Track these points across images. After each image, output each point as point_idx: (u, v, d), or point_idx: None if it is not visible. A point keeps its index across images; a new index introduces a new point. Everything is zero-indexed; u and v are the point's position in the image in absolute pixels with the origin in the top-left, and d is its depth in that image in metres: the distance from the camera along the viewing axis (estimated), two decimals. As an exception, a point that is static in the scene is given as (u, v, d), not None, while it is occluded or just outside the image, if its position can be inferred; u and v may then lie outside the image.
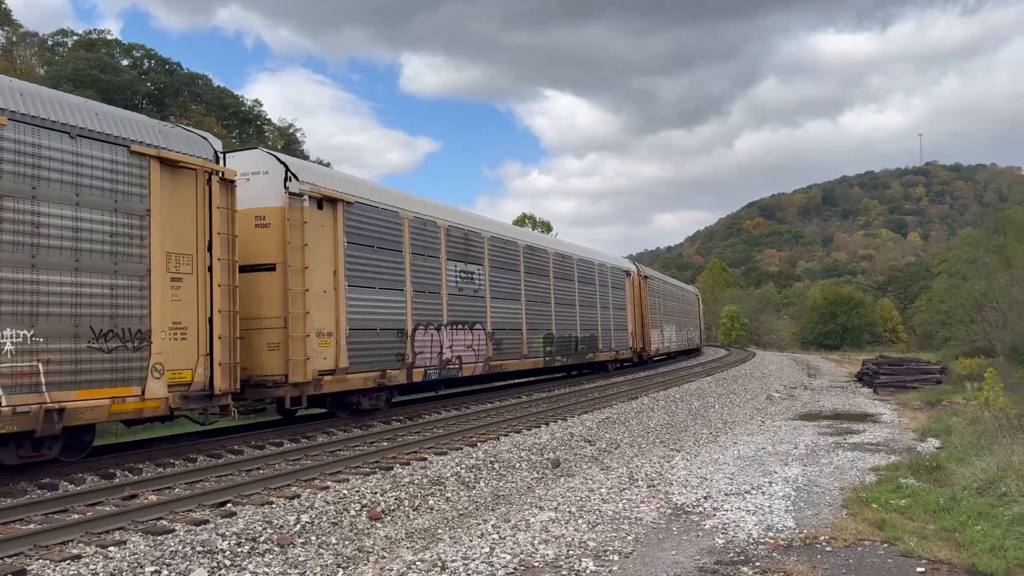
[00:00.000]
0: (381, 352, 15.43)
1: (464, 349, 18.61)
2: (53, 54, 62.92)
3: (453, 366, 18.07)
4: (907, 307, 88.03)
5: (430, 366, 17.05)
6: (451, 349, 18.03)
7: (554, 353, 24.39)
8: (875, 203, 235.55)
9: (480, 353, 19.29)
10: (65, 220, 9.59)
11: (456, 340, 18.27)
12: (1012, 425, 14.06)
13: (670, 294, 44.28)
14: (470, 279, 19.25)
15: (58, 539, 7.13)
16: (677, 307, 46.31)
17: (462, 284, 18.84)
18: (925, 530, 8.03)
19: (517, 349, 21.76)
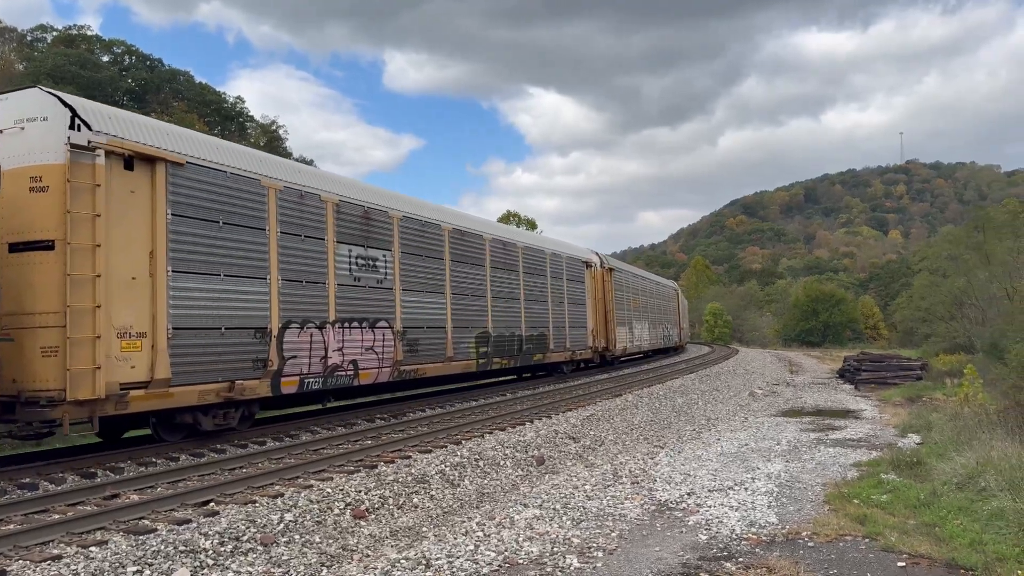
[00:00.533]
0: (229, 357, 12.09)
1: (362, 352, 15.31)
2: (32, 50, 62.19)
3: (345, 373, 14.80)
4: (888, 304, 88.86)
5: (309, 374, 13.77)
6: (341, 352, 14.70)
7: (491, 355, 21.08)
8: (856, 201, 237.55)
9: (386, 356, 16.03)
10: None
11: (350, 341, 14.99)
12: (991, 421, 14.21)
13: (643, 289, 40.94)
14: (371, 267, 15.90)
15: (38, 539, 7.06)
16: (651, 303, 43.11)
17: (360, 273, 15.51)
18: (906, 525, 8.10)
19: (439, 351, 18.35)
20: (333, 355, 14.48)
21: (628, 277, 37.34)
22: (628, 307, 35.98)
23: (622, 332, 33.96)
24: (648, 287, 43.18)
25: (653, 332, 42.64)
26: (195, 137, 12.60)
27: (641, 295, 40.00)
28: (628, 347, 35.75)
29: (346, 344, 14.87)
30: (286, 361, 13.20)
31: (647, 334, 40.69)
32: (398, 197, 18.07)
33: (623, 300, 34.74)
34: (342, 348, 14.72)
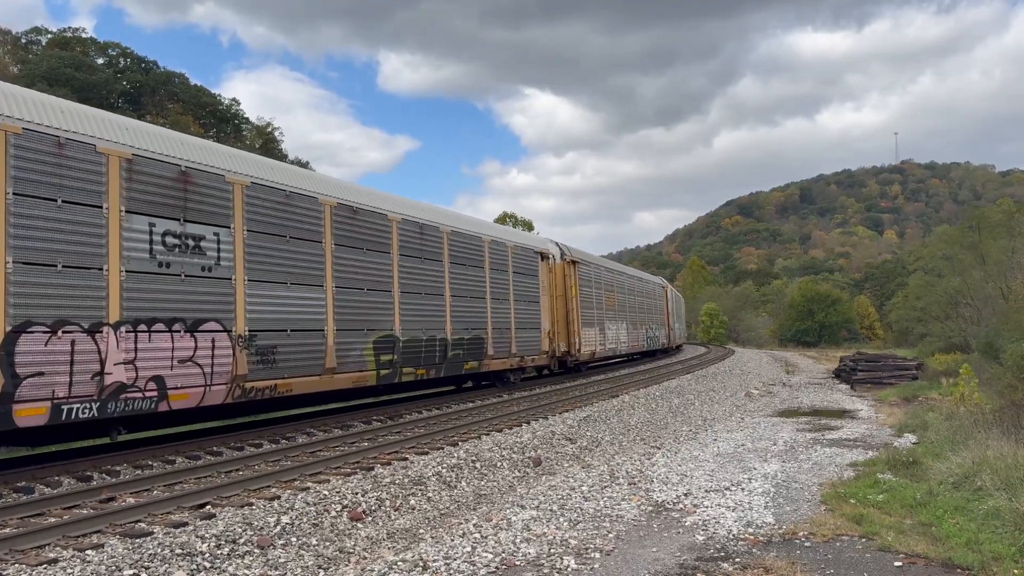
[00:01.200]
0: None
1: (172, 365, 11.45)
2: (27, 52, 62.07)
3: (142, 394, 10.96)
4: (884, 304, 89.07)
5: (72, 397, 10.01)
6: (133, 366, 10.87)
7: (398, 364, 16.95)
8: (852, 201, 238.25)
9: (217, 370, 12.21)
10: None
11: (150, 350, 11.15)
12: (987, 420, 14.23)
13: (619, 284, 36.69)
14: (192, 248, 12.02)
15: (34, 543, 7.04)
16: (632, 300, 39.10)
17: (171, 256, 11.65)
18: (902, 524, 8.12)
19: (314, 360, 14.36)
20: (117, 370, 10.61)
21: (599, 272, 33.02)
22: (600, 306, 32.07)
23: (590, 334, 29.80)
24: (627, 283, 39.08)
25: (633, 333, 38.78)
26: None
27: (617, 292, 36.13)
28: (598, 351, 31.50)
29: (143, 354, 11.03)
30: (23, 380, 9.45)
31: (625, 335, 36.59)
32: (244, 157, 14.10)
33: (592, 297, 30.82)
34: (136, 360, 10.92)
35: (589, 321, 29.86)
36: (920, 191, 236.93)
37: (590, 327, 29.89)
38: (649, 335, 42.68)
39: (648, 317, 43.09)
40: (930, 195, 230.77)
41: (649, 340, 42.51)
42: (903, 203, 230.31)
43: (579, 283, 28.69)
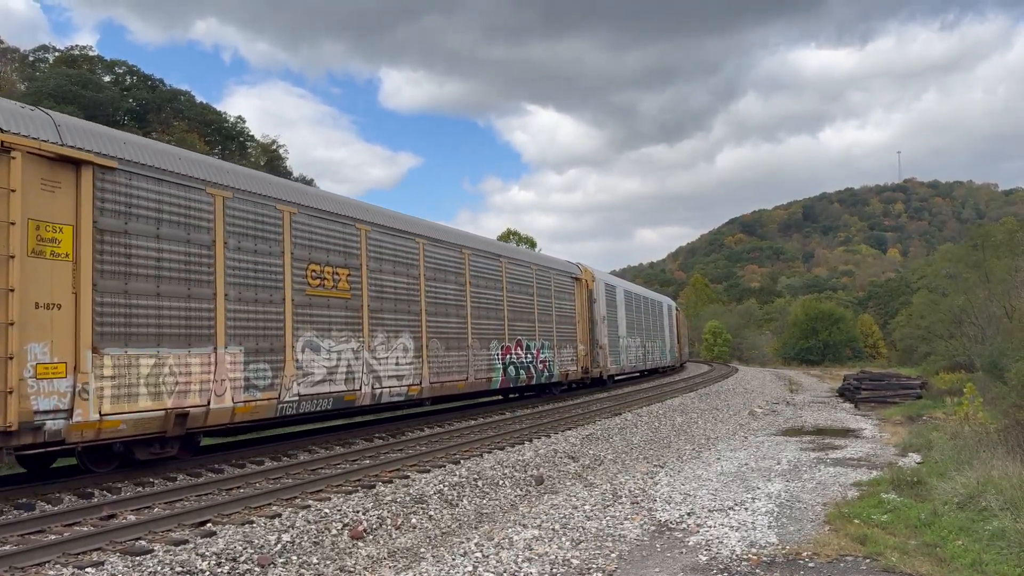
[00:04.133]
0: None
1: None
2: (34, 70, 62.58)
3: None
4: (887, 322, 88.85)
5: None
6: None
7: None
8: (855, 219, 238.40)
9: None
10: None
11: None
12: (991, 439, 14.17)
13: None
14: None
15: (34, 560, 7.01)
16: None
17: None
18: (907, 545, 8.07)
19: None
20: None
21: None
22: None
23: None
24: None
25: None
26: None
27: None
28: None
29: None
30: None
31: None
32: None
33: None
34: None
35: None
36: (923, 209, 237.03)
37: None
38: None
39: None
40: (933, 213, 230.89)
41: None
42: (906, 221, 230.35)
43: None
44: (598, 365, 28.92)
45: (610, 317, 31.28)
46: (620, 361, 32.71)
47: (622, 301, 34.23)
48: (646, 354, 39.00)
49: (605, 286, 30.90)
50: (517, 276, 22.89)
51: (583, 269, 29.16)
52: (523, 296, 23.23)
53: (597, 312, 29.11)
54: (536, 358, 23.54)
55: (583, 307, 28.21)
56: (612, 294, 32.37)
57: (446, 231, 19.57)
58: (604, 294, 30.47)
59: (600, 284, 30.10)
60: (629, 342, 34.92)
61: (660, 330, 44.35)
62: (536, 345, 23.57)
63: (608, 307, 31.07)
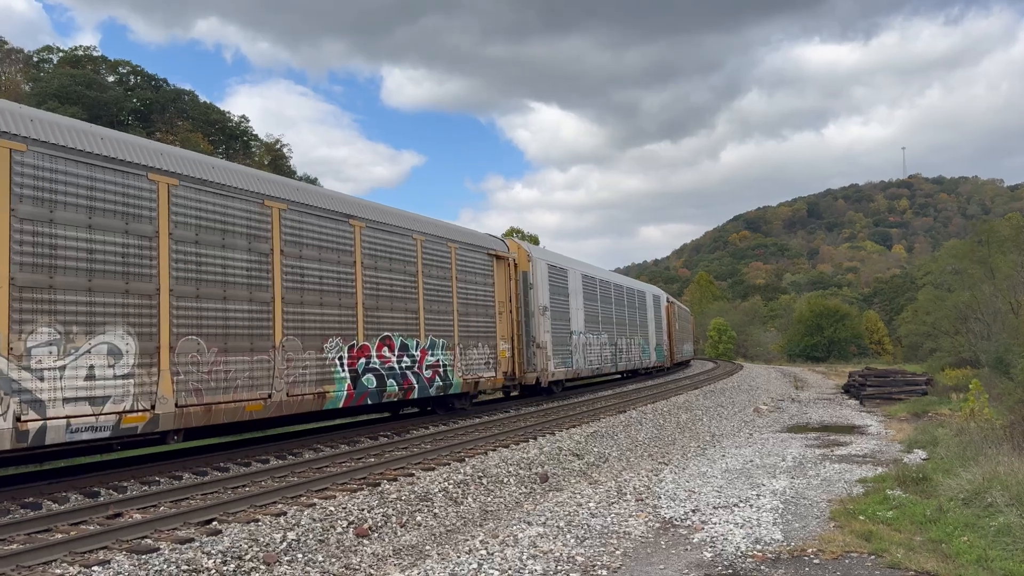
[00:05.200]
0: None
1: None
2: (38, 71, 62.75)
3: None
4: (893, 319, 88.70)
5: None
6: None
7: None
8: (860, 216, 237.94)
9: None
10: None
11: None
12: (997, 436, 14.15)
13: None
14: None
15: (41, 559, 7.04)
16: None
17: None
18: (912, 542, 8.06)
19: None
20: None
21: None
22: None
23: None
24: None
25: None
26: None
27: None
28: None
29: None
30: None
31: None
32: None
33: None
34: None
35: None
36: (928, 205, 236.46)
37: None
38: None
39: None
40: (938, 210, 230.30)
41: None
42: (911, 218, 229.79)
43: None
44: (534, 368, 22.45)
45: (556, 308, 24.98)
46: (573, 362, 26.10)
47: (578, 288, 27.63)
48: (618, 353, 32.32)
49: (549, 268, 24.61)
50: (385, 247, 16.03)
51: (513, 246, 23.05)
52: (398, 277, 16.35)
53: (535, 301, 22.71)
54: (420, 362, 16.82)
55: (510, 294, 21.60)
56: (561, 279, 25.93)
57: (226, 170, 12.77)
58: (547, 279, 24.21)
59: (540, 266, 23.68)
60: (590, 339, 28.27)
61: (642, 325, 37.67)
62: (421, 344, 16.91)
63: (554, 295, 24.83)
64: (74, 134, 10.10)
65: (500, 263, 21.36)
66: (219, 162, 12.97)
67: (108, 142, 10.49)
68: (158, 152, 11.42)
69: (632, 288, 36.83)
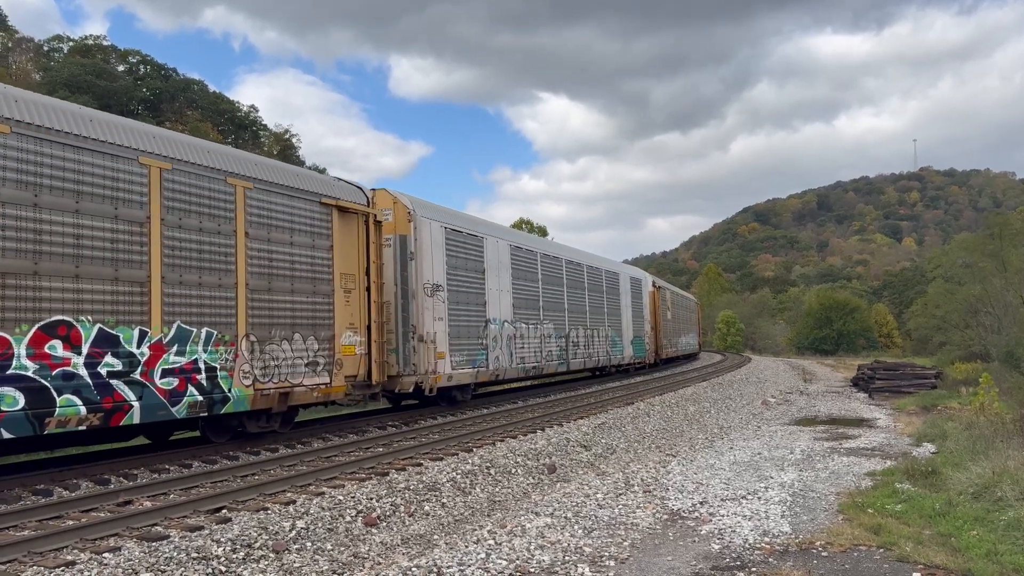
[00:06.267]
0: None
1: None
2: (49, 60, 62.91)
3: None
4: (902, 312, 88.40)
5: None
6: None
7: None
8: (870, 208, 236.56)
9: None
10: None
11: None
12: (1007, 430, 14.10)
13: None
14: None
15: (52, 545, 7.09)
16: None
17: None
18: (921, 535, 8.03)
19: None
20: None
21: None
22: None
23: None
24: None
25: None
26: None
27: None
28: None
29: None
30: None
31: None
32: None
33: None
34: None
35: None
36: (939, 198, 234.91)
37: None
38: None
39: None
40: (949, 202, 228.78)
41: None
42: (922, 210, 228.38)
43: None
44: (414, 370, 16.41)
45: (461, 287, 18.63)
46: (489, 361, 19.68)
47: (502, 263, 21.06)
48: (571, 348, 25.67)
49: (447, 233, 18.21)
50: (64, 174, 9.73)
51: (384, 198, 16.72)
52: (99, 224, 10.08)
53: (417, 276, 16.57)
54: (149, 365, 10.52)
55: (367, 264, 14.97)
56: (471, 249, 19.42)
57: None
58: (442, 247, 17.87)
59: (429, 229, 17.31)
60: (523, 329, 21.94)
61: (613, 313, 30.88)
62: (153, 336, 10.59)
63: (456, 270, 18.51)
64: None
65: (347, 219, 14.48)
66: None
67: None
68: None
69: (596, 267, 29.96)
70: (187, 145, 11.78)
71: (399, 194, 17.03)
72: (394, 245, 16.57)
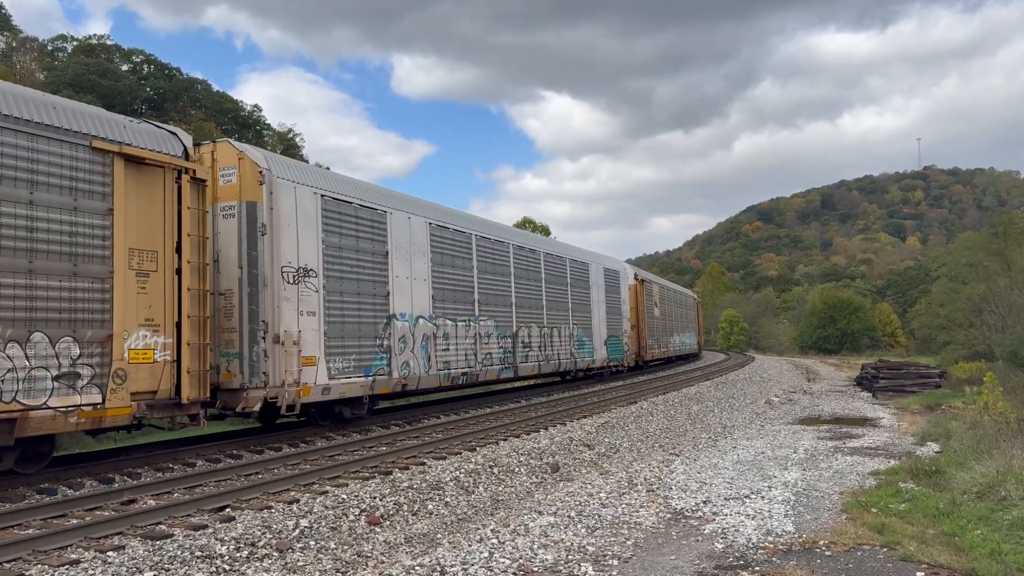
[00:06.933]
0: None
1: None
2: (52, 59, 63.03)
3: None
4: (906, 311, 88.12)
5: None
6: None
7: None
8: (874, 207, 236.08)
9: None
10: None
11: None
12: (1011, 429, 14.06)
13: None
14: None
15: (57, 544, 7.11)
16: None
17: None
18: (925, 534, 8.02)
19: None
20: None
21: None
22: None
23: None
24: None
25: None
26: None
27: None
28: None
29: None
30: None
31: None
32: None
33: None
34: None
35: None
36: (943, 197, 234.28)
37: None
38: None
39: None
40: (953, 201, 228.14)
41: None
42: (926, 209, 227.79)
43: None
44: (263, 381, 12.37)
45: (342, 272, 14.41)
46: (393, 367, 15.50)
47: (419, 245, 16.90)
48: (521, 349, 21.62)
49: (324, 202, 14.15)
50: None
51: (226, 153, 13.08)
52: None
53: (270, 256, 12.74)
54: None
55: (179, 237, 10.95)
56: (368, 224, 15.28)
57: None
58: (316, 219, 13.88)
59: (294, 194, 13.45)
60: (448, 328, 17.75)
61: (580, 309, 26.87)
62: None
63: (338, 251, 14.41)
64: None
65: (145, 174, 10.53)
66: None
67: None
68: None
69: (558, 256, 25.78)
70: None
71: (248, 148, 13.13)
72: (239, 215, 12.67)
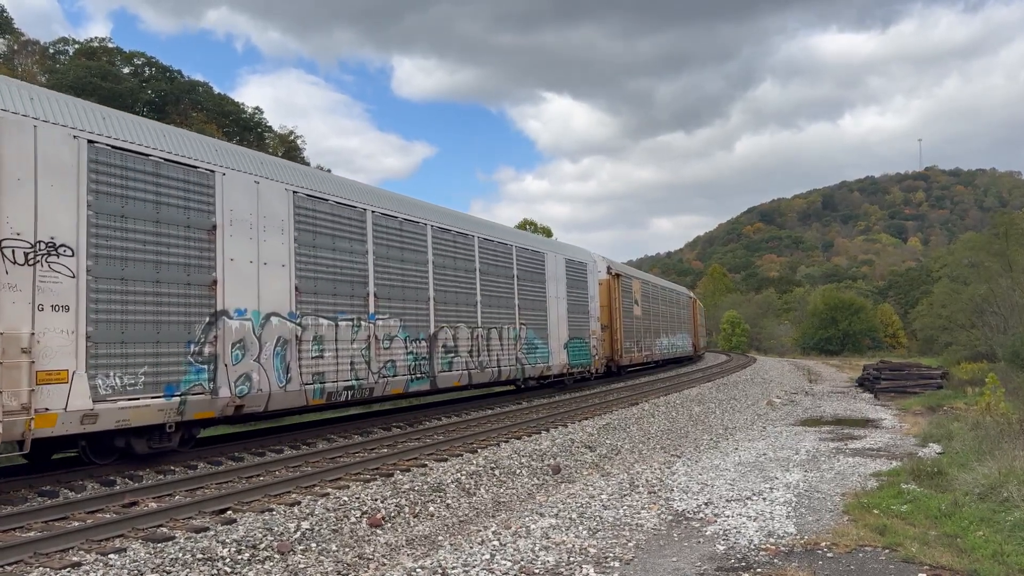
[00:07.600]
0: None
1: None
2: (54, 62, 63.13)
3: None
4: (908, 312, 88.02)
5: None
6: None
7: None
8: (875, 208, 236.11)
9: None
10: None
11: None
12: (1013, 430, 14.04)
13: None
14: None
15: (58, 546, 7.12)
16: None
17: None
18: (927, 536, 8.01)
19: None
20: None
21: None
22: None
23: None
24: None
25: None
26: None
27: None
28: None
29: None
30: None
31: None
32: None
33: None
34: None
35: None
36: (944, 198, 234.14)
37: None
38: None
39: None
40: (955, 202, 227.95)
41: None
42: (927, 210, 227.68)
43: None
44: None
45: (128, 252, 10.43)
46: (213, 381, 11.34)
47: (273, 219, 12.99)
48: (445, 357, 17.66)
49: (96, 151, 10.09)
50: None
51: None
52: None
53: None
54: None
55: None
56: (181, 188, 11.35)
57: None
58: (74, 172, 9.77)
59: (34, 138, 9.29)
60: (325, 328, 13.95)
61: (531, 307, 22.85)
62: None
63: (122, 220, 10.42)
64: None
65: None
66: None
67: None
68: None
69: (502, 242, 21.69)
70: None
71: None
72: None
